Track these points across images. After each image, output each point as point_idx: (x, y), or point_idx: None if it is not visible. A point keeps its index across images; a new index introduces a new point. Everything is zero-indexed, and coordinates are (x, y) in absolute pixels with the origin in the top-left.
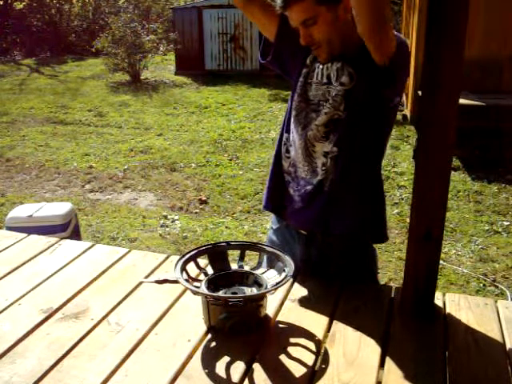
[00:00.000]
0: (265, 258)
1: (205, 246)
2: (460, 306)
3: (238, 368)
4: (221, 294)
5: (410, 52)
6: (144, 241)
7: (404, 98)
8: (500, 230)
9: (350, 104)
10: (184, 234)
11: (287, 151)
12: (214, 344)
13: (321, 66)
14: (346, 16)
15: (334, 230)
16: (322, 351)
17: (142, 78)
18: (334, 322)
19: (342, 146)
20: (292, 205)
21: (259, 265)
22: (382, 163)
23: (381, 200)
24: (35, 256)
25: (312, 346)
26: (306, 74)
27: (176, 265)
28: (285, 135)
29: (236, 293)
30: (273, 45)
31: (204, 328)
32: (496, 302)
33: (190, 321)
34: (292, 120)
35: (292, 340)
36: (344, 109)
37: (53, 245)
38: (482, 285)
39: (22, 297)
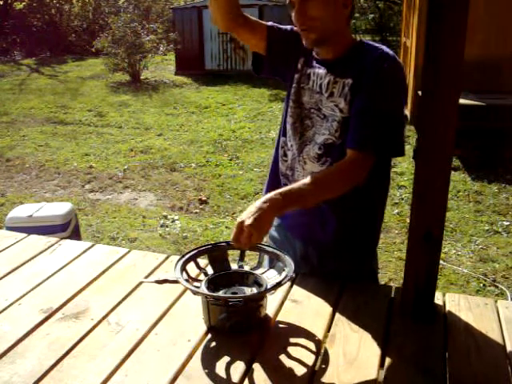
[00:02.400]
0: (267, 257)
1: (205, 245)
2: (460, 306)
3: (238, 368)
4: (221, 294)
5: (401, 83)
6: (144, 241)
7: None
8: (500, 229)
9: (345, 131)
10: (184, 234)
11: (284, 154)
12: (214, 344)
13: (316, 73)
14: (343, 11)
15: (328, 236)
16: (322, 351)
17: (142, 77)
18: (334, 322)
19: None
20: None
21: (259, 265)
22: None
23: (379, 215)
24: (35, 256)
25: (312, 346)
26: (298, 80)
27: (176, 265)
28: (282, 138)
29: (236, 293)
30: (264, 58)
31: (204, 328)
32: (496, 302)
33: (190, 321)
34: (289, 127)
35: (292, 340)
36: (339, 136)
37: (53, 245)
38: (482, 285)
39: (22, 297)
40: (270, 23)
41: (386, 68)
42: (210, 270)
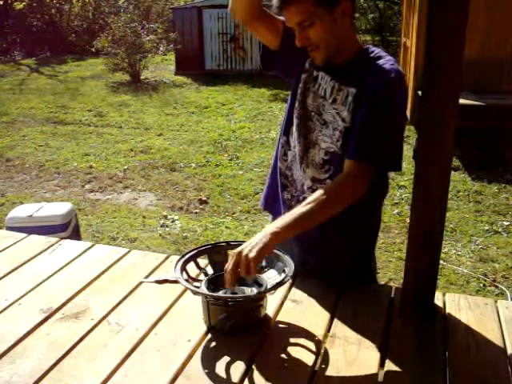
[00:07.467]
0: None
1: (205, 245)
2: (460, 306)
3: (238, 368)
4: (221, 294)
5: (402, 93)
6: (144, 241)
7: None
8: (500, 229)
9: (347, 142)
10: (184, 234)
11: (285, 154)
12: (214, 344)
13: (323, 77)
14: (344, 20)
15: (327, 243)
16: (322, 351)
17: (142, 77)
18: (334, 321)
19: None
20: (287, 210)
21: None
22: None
23: (377, 219)
24: (35, 256)
25: (312, 346)
26: (305, 80)
27: (176, 265)
28: (283, 137)
29: (236, 293)
30: (276, 54)
31: (204, 328)
32: (496, 302)
33: (190, 321)
34: (294, 128)
35: (292, 340)
36: (341, 146)
37: (53, 245)
38: (482, 285)
39: (22, 297)
40: None
41: (389, 83)
42: (210, 270)
